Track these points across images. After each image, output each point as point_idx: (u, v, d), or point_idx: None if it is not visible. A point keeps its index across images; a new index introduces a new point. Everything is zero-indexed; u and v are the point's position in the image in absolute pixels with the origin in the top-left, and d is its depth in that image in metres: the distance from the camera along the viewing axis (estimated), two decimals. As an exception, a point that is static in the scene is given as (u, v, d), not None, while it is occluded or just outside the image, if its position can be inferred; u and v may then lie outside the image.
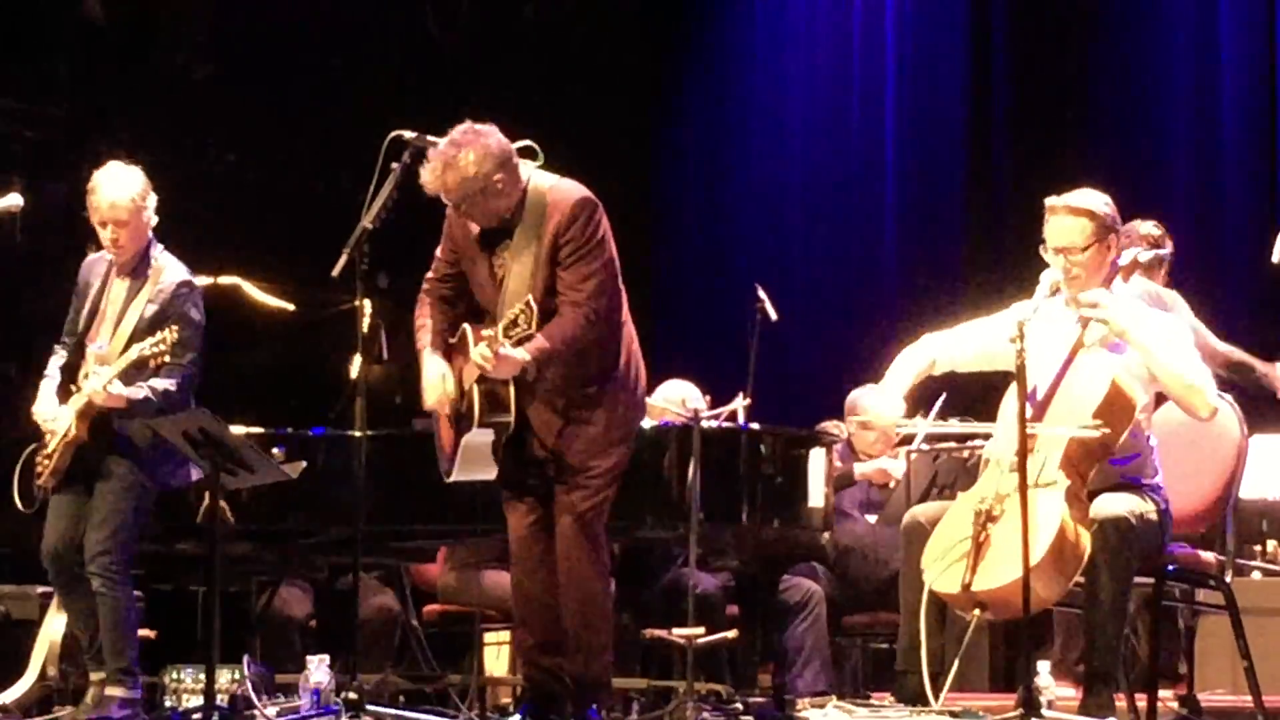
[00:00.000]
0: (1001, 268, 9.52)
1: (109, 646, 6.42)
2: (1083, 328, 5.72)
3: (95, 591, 6.40)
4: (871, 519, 8.09)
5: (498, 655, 8.86)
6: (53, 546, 6.53)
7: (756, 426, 7.25)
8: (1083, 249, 5.72)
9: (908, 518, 5.90)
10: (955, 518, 5.64)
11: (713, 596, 7.47)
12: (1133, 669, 6.10)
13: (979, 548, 5.49)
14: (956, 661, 5.74)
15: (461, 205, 5.74)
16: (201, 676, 6.44)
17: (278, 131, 10.22)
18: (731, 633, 6.80)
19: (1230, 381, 7.01)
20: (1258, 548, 7.89)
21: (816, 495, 7.18)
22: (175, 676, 6.92)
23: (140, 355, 6.28)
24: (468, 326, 5.83)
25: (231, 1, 10.44)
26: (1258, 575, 7.68)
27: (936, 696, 5.58)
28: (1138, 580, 5.62)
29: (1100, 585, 5.48)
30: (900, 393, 5.93)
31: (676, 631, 6.48)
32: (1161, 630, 6.12)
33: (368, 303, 6.11)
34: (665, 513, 6.88)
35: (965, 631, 5.69)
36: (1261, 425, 7.61)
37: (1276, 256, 7.39)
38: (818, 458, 7.21)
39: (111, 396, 6.34)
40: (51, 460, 6.48)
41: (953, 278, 10.22)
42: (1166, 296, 7.00)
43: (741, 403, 7.71)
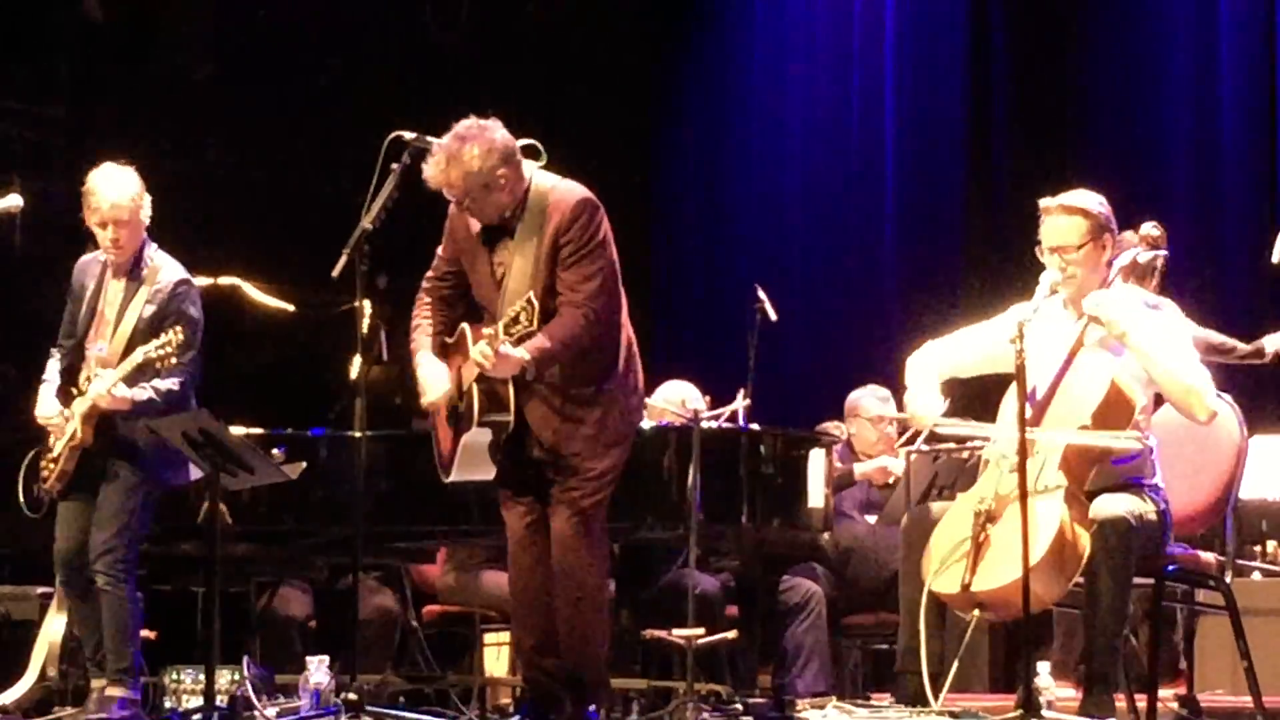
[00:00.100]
0: (1001, 267, 9.51)
1: (111, 645, 6.42)
2: (1082, 328, 5.72)
3: (100, 590, 6.40)
4: (871, 519, 8.09)
5: (497, 656, 8.85)
6: (65, 552, 6.54)
7: (756, 427, 7.26)
8: (1078, 248, 5.72)
9: (907, 518, 5.90)
10: (955, 518, 5.64)
11: (713, 597, 7.47)
12: (1132, 669, 6.09)
13: (979, 548, 5.49)
14: (956, 662, 5.73)
15: (464, 200, 5.73)
16: (201, 677, 6.44)
17: (278, 131, 10.22)
18: (731, 633, 6.80)
19: (1216, 364, 6.98)
20: (1258, 548, 7.88)
21: (816, 496, 7.19)
22: (175, 677, 6.93)
23: (145, 358, 6.28)
24: (466, 326, 5.83)
25: (231, 1, 10.44)
26: (1258, 576, 7.67)
27: (936, 697, 5.58)
28: (1137, 581, 5.61)
29: (1100, 586, 5.48)
30: (937, 390, 5.90)
31: (676, 632, 6.47)
32: (1161, 631, 6.11)
33: (367, 303, 6.10)
34: (665, 513, 6.88)
35: (965, 632, 5.68)
36: (1262, 425, 7.62)
37: (1276, 257, 7.39)
38: (817, 458, 7.21)
39: (116, 399, 6.34)
40: (57, 464, 6.48)
41: (952, 278, 10.22)
42: (1162, 305, 6.97)
43: (741, 403, 7.71)
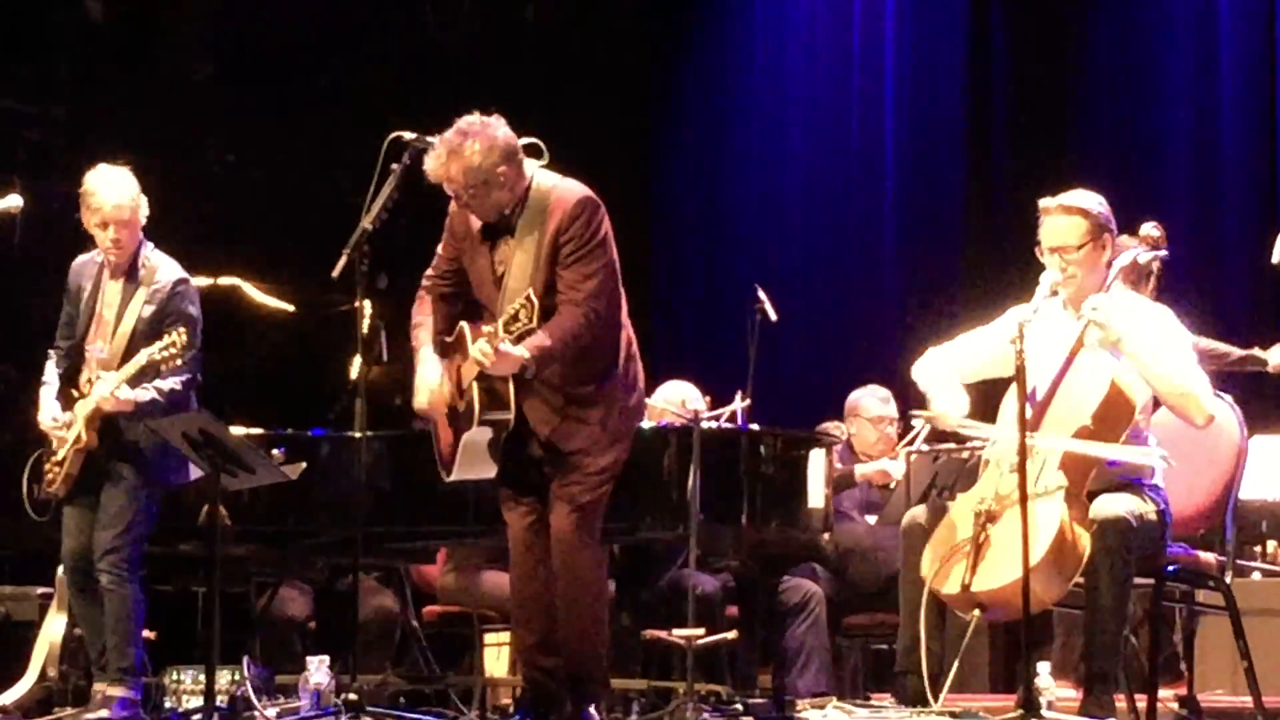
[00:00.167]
0: (1001, 267, 9.51)
1: (113, 644, 6.43)
2: (1082, 328, 5.71)
3: (104, 588, 6.42)
4: (871, 520, 8.09)
5: (498, 656, 8.85)
6: (73, 555, 6.56)
7: (756, 427, 7.25)
8: (1077, 248, 5.72)
9: (907, 519, 5.89)
10: (955, 519, 5.65)
11: (713, 597, 7.47)
12: (1132, 669, 6.09)
13: (979, 548, 5.49)
14: (956, 662, 5.73)
15: (463, 196, 5.73)
16: (201, 677, 6.44)
17: (278, 131, 10.22)
18: (731, 633, 6.80)
19: (1213, 371, 6.98)
20: (1258, 548, 7.88)
21: (816, 496, 7.18)
22: (175, 677, 6.93)
23: (150, 360, 6.28)
24: (465, 324, 5.83)
25: (231, 1, 10.44)
26: (1258, 576, 7.67)
27: (936, 697, 5.58)
28: (1137, 581, 5.61)
29: (1100, 586, 5.48)
30: (960, 389, 5.87)
31: (676, 632, 6.47)
32: (1161, 631, 6.11)
33: (368, 304, 6.11)
34: (665, 513, 6.88)
35: (965, 632, 5.68)
36: (1261, 425, 7.61)
37: (1276, 257, 7.39)
38: (817, 459, 7.21)
39: (120, 402, 6.35)
40: (63, 467, 6.49)
41: (952, 278, 10.22)
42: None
43: (741, 403, 7.72)
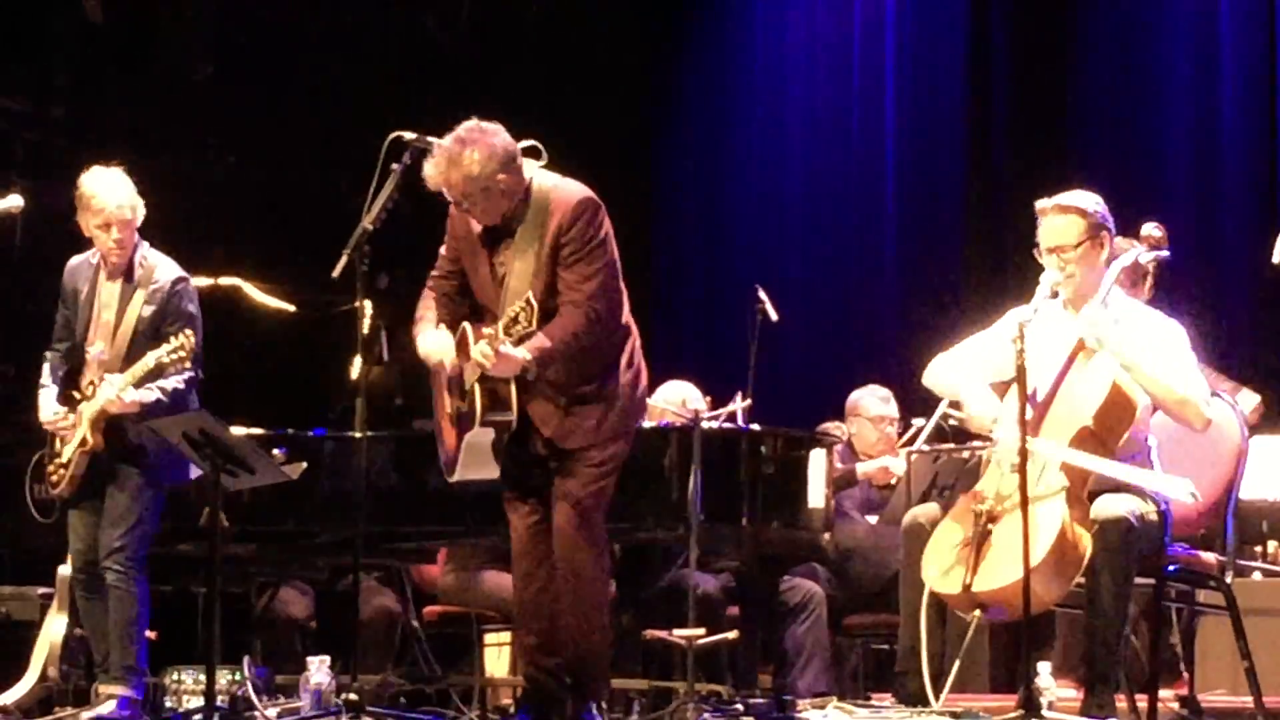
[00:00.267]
0: (1001, 268, 9.52)
1: (116, 642, 6.44)
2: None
3: (110, 586, 6.43)
4: (872, 520, 8.09)
5: (498, 656, 8.85)
6: (81, 557, 6.58)
7: (757, 427, 7.25)
8: (1074, 246, 5.72)
9: (908, 518, 5.89)
10: (956, 519, 5.65)
11: (713, 597, 7.46)
12: (1132, 670, 6.09)
13: (980, 549, 5.49)
14: (957, 662, 5.73)
15: (463, 203, 5.74)
16: (202, 677, 6.45)
17: (278, 131, 10.22)
18: (732, 634, 6.79)
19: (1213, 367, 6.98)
20: (1258, 548, 7.87)
21: (817, 496, 7.18)
22: (176, 677, 6.94)
23: (158, 362, 6.29)
24: (467, 325, 5.82)
25: (231, 1, 10.44)
26: (1258, 576, 7.65)
27: (937, 697, 5.59)
28: (1138, 581, 5.61)
29: (1101, 586, 5.48)
30: (990, 391, 5.84)
31: (677, 632, 6.47)
32: (1161, 631, 6.11)
33: (368, 304, 6.10)
34: (666, 513, 6.88)
35: (966, 632, 5.69)
36: (1262, 425, 7.62)
37: (1277, 257, 7.38)
38: (818, 459, 7.21)
39: (126, 404, 6.36)
40: (67, 469, 6.49)
41: (952, 278, 10.21)
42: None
43: (741, 403, 7.71)
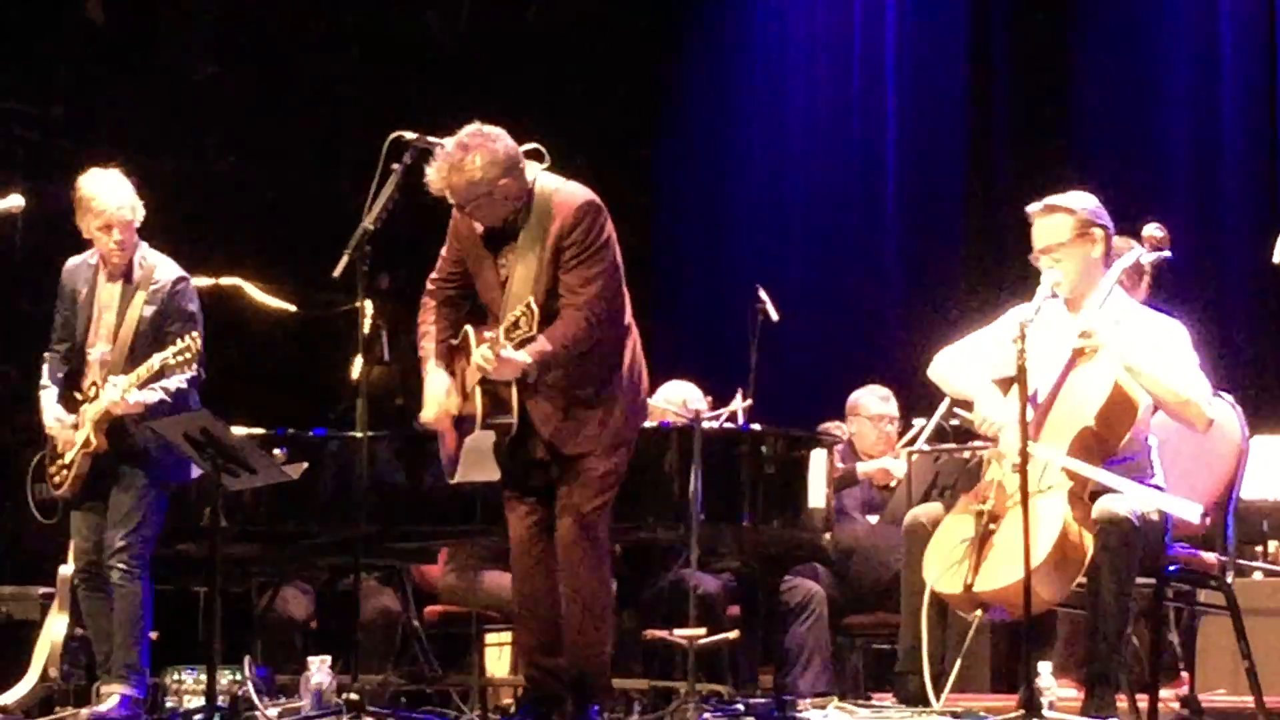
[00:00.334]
0: (1001, 268, 9.50)
1: (119, 641, 6.44)
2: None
3: (114, 584, 6.43)
4: (873, 520, 8.09)
5: (499, 656, 8.85)
6: (84, 558, 6.57)
7: (757, 427, 7.25)
8: (1064, 244, 5.72)
9: (909, 518, 5.89)
10: (957, 518, 5.65)
11: (714, 597, 7.46)
12: (1132, 670, 6.09)
13: (981, 548, 5.50)
14: (958, 662, 5.73)
15: (465, 207, 5.74)
16: (203, 677, 6.45)
17: (278, 131, 10.22)
18: (733, 633, 6.79)
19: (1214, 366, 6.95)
20: (1259, 548, 7.87)
21: (817, 496, 7.18)
22: (176, 677, 6.93)
23: (164, 364, 6.30)
24: (470, 328, 5.83)
25: (231, 1, 10.44)
26: (1259, 576, 7.66)
27: (938, 697, 5.58)
28: (1138, 581, 5.61)
29: (1102, 586, 5.48)
30: (999, 392, 5.83)
31: (678, 632, 6.47)
32: (1162, 631, 6.11)
33: (369, 304, 6.10)
34: (666, 513, 6.88)
35: (967, 632, 5.68)
36: (1262, 425, 7.61)
37: (1277, 257, 7.38)
38: (818, 458, 7.21)
39: (130, 405, 6.36)
40: (70, 470, 6.49)
41: (952, 278, 10.21)
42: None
43: (742, 403, 7.71)
